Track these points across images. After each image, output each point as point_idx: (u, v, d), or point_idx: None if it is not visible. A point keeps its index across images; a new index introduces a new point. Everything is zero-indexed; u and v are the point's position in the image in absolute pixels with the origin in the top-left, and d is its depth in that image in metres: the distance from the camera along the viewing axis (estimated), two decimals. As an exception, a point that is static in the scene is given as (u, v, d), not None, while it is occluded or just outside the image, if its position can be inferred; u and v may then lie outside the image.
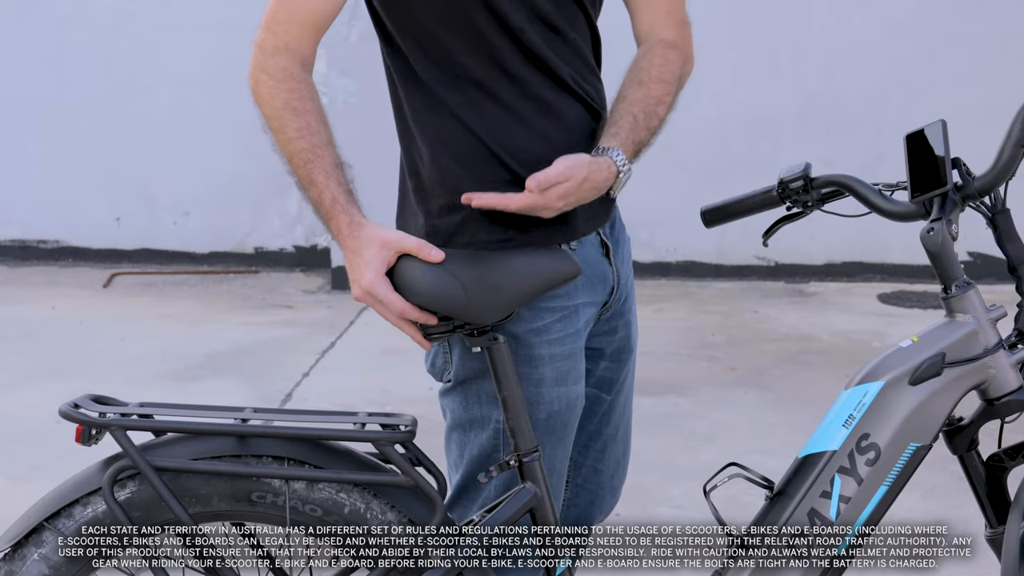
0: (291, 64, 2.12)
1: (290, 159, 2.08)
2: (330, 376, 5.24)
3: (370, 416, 2.08)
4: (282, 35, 2.11)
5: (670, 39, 2.24)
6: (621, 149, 2.10)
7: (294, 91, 2.09)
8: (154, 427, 2.05)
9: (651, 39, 2.23)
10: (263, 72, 2.10)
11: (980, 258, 6.15)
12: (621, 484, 2.40)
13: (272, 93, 2.09)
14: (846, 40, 6.51)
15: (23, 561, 2.03)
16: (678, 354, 5.50)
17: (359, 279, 2.03)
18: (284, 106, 2.08)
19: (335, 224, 2.07)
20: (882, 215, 2.20)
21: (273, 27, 2.11)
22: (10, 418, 4.66)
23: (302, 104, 2.09)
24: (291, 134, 2.07)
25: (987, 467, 2.19)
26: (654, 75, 2.19)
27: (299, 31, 2.12)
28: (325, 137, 2.09)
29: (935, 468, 2.37)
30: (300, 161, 2.07)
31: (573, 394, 2.17)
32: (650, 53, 2.22)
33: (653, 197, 5.99)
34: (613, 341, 2.28)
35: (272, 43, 2.11)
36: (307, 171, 2.06)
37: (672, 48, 2.23)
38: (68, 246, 7.09)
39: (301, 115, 2.08)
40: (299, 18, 2.12)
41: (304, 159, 2.06)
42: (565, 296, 2.13)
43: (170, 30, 6.86)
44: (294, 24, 2.11)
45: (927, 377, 2.09)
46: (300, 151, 2.07)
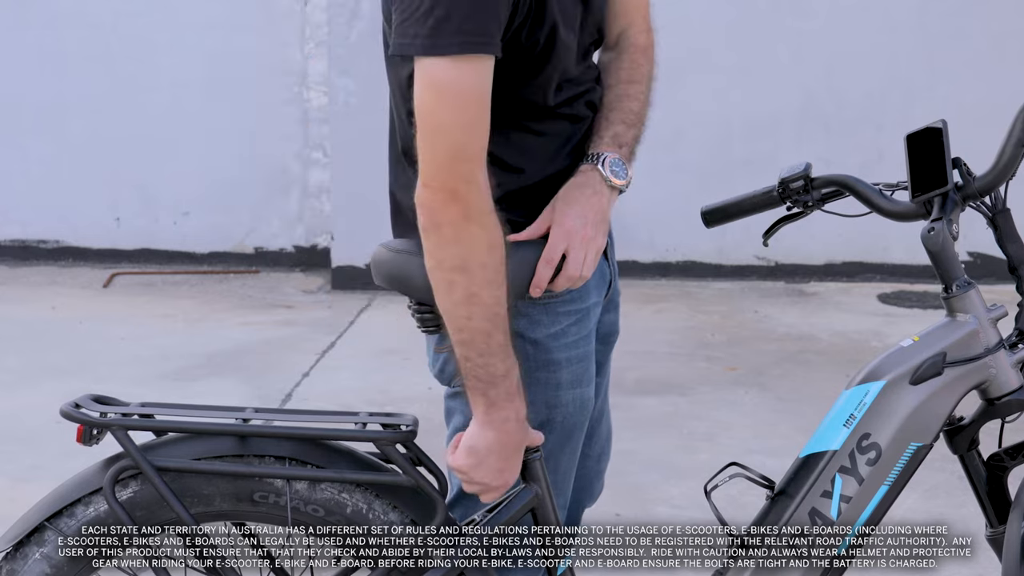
0: (494, 209, 1.92)
1: (491, 323, 1.91)
2: (330, 376, 5.24)
3: (371, 416, 2.08)
4: (482, 164, 1.89)
5: (641, 43, 2.24)
6: (604, 150, 2.09)
7: (503, 248, 1.92)
8: (155, 427, 2.06)
9: (623, 43, 2.23)
10: (482, 214, 1.88)
11: (980, 258, 6.15)
12: (606, 467, 2.41)
13: (492, 245, 1.90)
14: (846, 40, 6.51)
15: (25, 560, 2.04)
16: (678, 354, 5.50)
17: (495, 475, 1.99)
18: (502, 264, 1.91)
19: (498, 399, 1.94)
20: (883, 215, 2.20)
21: (471, 155, 1.89)
22: (10, 418, 4.66)
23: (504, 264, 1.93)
24: (500, 295, 1.91)
25: (988, 467, 2.19)
26: (631, 76, 2.19)
27: (484, 159, 1.91)
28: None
29: (935, 468, 2.38)
30: (502, 329, 1.92)
31: (586, 395, 2.17)
32: (621, 58, 2.21)
33: (653, 197, 6.00)
34: (603, 325, 2.29)
35: (481, 176, 1.89)
36: (506, 340, 1.93)
37: (642, 52, 2.22)
38: (68, 246, 7.09)
39: (504, 276, 1.92)
40: (484, 140, 1.90)
41: (503, 326, 1.92)
42: (579, 299, 2.13)
43: (170, 30, 6.86)
44: (484, 150, 1.90)
45: (928, 377, 2.09)
46: (503, 316, 1.92)
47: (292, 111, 6.91)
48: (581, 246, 2.02)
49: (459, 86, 1.89)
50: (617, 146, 2.11)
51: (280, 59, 6.87)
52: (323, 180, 6.91)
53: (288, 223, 7.02)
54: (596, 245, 2.04)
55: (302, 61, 6.87)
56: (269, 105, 6.87)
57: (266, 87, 6.86)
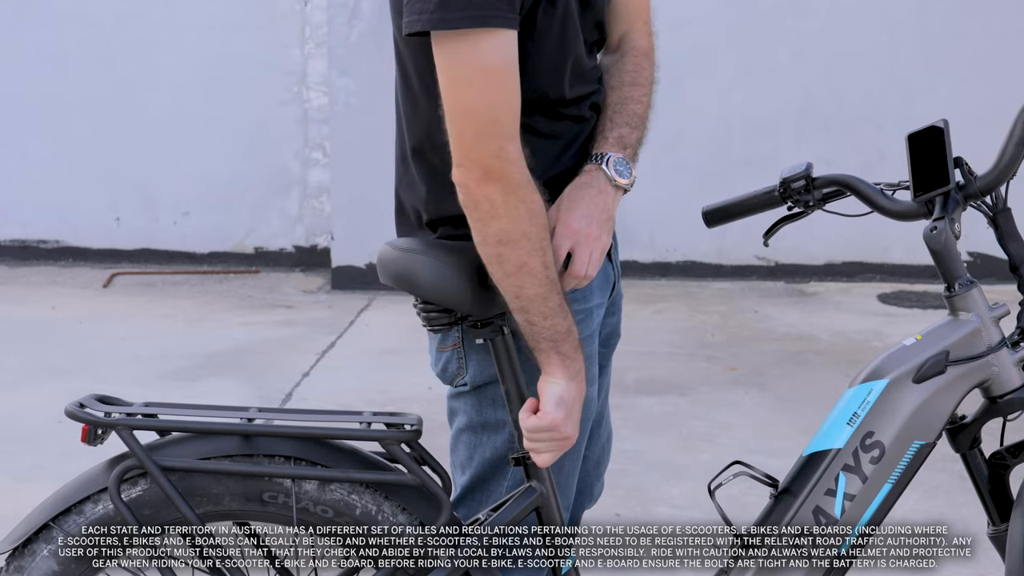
0: (531, 177, 1.94)
1: (549, 287, 1.95)
2: (330, 376, 5.24)
3: (375, 415, 2.08)
4: (514, 137, 1.91)
5: (642, 47, 2.25)
6: (608, 150, 2.10)
7: (544, 214, 1.95)
8: (160, 427, 2.06)
9: (624, 46, 2.24)
10: (517, 186, 1.91)
11: (981, 258, 6.15)
12: (605, 469, 2.42)
13: (532, 213, 1.92)
14: (846, 40, 6.51)
15: (32, 557, 2.04)
16: (678, 354, 5.50)
17: (576, 426, 2.02)
18: (545, 229, 1.95)
19: (570, 352, 1.99)
20: (884, 214, 2.20)
21: (501, 129, 1.90)
22: (10, 418, 4.66)
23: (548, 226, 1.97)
24: (548, 259, 1.95)
25: (989, 465, 2.19)
26: (634, 79, 2.21)
27: (516, 131, 1.92)
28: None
29: (936, 468, 2.38)
30: (556, 289, 1.96)
31: (589, 396, 2.17)
32: (623, 60, 2.22)
33: (653, 197, 5.99)
34: (604, 327, 2.29)
35: (513, 148, 1.90)
36: (561, 299, 1.97)
37: (643, 56, 2.24)
38: (68, 246, 7.09)
39: (550, 239, 1.96)
40: (514, 112, 1.91)
41: (556, 286, 1.96)
42: (583, 299, 2.13)
43: (170, 30, 6.86)
44: (515, 122, 1.92)
45: (931, 375, 2.09)
46: (554, 279, 1.96)
47: (292, 111, 6.91)
48: (587, 245, 2.03)
49: (480, 62, 1.90)
50: (622, 147, 2.12)
51: (280, 59, 6.87)
52: (323, 180, 6.91)
53: (288, 223, 7.02)
54: (601, 244, 2.05)
55: (302, 61, 6.87)
56: (269, 105, 6.87)
57: (266, 87, 6.86)
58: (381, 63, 6.64)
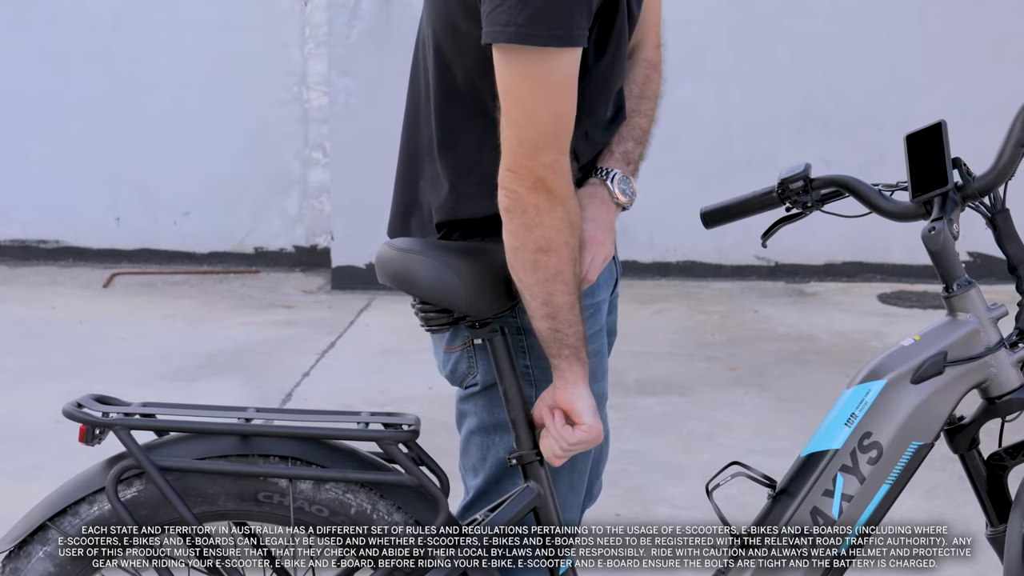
0: (574, 190, 1.98)
1: (574, 292, 1.99)
2: (330, 376, 5.24)
3: (373, 415, 2.08)
4: (567, 151, 1.94)
5: (653, 59, 2.27)
6: (614, 166, 2.13)
7: (580, 226, 1.99)
8: (158, 427, 2.06)
9: (635, 56, 2.26)
10: (568, 199, 1.95)
11: (980, 258, 6.15)
12: (604, 468, 2.42)
13: (573, 225, 1.96)
14: (846, 40, 6.51)
15: (28, 559, 2.04)
16: (678, 354, 5.50)
17: (594, 424, 2.04)
18: (579, 241, 1.99)
19: (586, 359, 2.03)
20: (882, 215, 2.21)
21: (560, 142, 1.93)
22: (10, 418, 4.66)
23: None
24: (579, 270, 2.00)
25: (988, 466, 2.19)
26: (643, 92, 2.23)
27: (569, 144, 1.95)
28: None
29: (936, 468, 2.38)
30: (580, 297, 2.00)
31: (601, 391, 2.19)
32: (634, 71, 2.24)
33: (653, 197, 5.97)
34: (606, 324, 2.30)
35: (566, 162, 1.94)
36: (581, 305, 2.01)
37: (654, 68, 2.26)
38: (68, 246, 7.09)
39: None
40: (571, 126, 1.94)
41: (580, 295, 2.00)
42: (590, 294, 2.14)
43: (170, 30, 6.85)
44: (570, 136, 1.94)
45: (929, 376, 2.09)
46: (580, 288, 2.01)
47: (292, 111, 6.91)
48: (591, 248, 2.06)
49: (554, 77, 1.92)
50: (626, 163, 2.15)
51: (280, 59, 6.87)
52: (323, 180, 6.91)
53: (288, 223, 7.02)
54: (604, 250, 2.08)
55: (302, 61, 6.87)
56: (269, 105, 6.87)
57: (266, 87, 6.86)
58: (381, 63, 6.67)
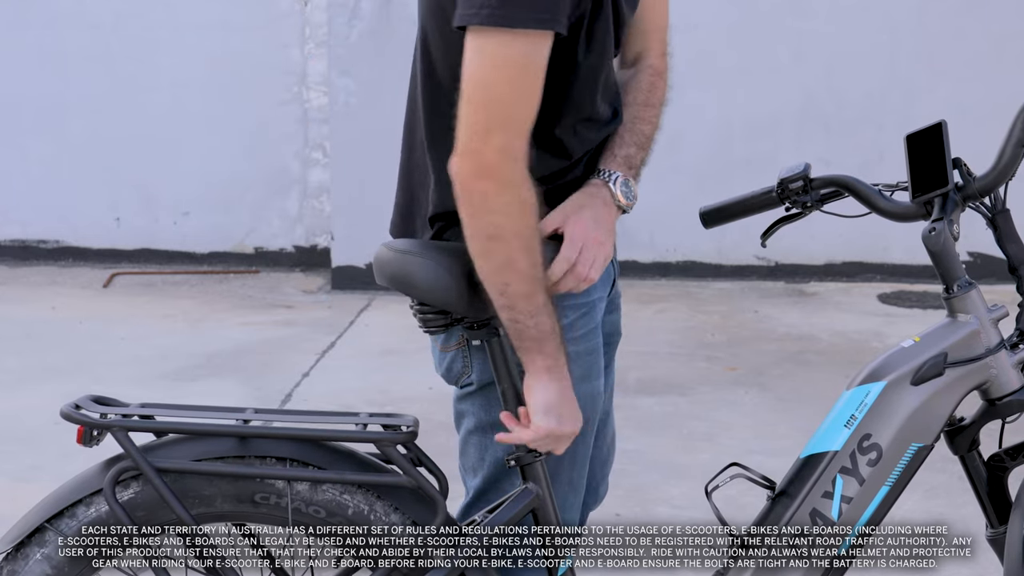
0: (528, 174, 1.93)
1: (533, 284, 1.95)
2: (330, 376, 5.24)
3: (371, 417, 2.08)
4: (524, 133, 1.90)
5: (658, 67, 2.27)
6: (616, 169, 2.13)
7: (537, 213, 1.95)
8: (155, 428, 2.06)
9: (641, 63, 2.26)
10: (513, 186, 1.91)
11: (980, 258, 6.14)
12: (610, 470, 2.42)
13: (524, 211, 1.92)
14: (846, 40, 6.51)
15: (25, 561, 2.03)
16: (678, 354, 5.50)
17: (574, 420, 2.02)
18: (536, 228, 1.94)
19: (553, 352, 1.99)
20: (882, 215, 2.20)
21: (516, 126, 1.90)
22: (10, 418, 4.66)
23: (539, 226, 1.96)
24: (537, 258, 1.95)
25: (988, 467, 2.19)
26: (647, 99, 2.22)
27: (529, 129, 1.92)
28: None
29: (936, 468, 2.37)
30: (541, 287, 1.96)
31: (596, 390, 2.18)
32: (639, 78, 2.24)
33: (653, 197, 5.96)
34: (605, 325, 2.30)
35: (518, 147, 1.90)
36: (547, 298, 1.97)
37: (659, 76, 2.26)
38: (68, 246, 7.09)
39: (540, 238, 1.96)
40: (534, 112, 1.91)
41: (542, 285, 1.96)
42: (584, 292, 2.14)
43: (170, 30, 6.85)
44: (531, 121, 1.91)
45: (929, 377, 2.09)
46: (540, 277, 1.96)
47: (292, 111, 6.90)
48: (592, 248, 2.05)
49: (522, 60, 1.90)
50: (628, 167, 2.15)
51: (280, 59, 6.86)
52: (323, 180, 6.90)
53: (288, 223, 7.02)
54: (605, 251, 2.07)
55: (302, 61, 6.87)
56: (269, 105, 6.87)
57: (266, 87, 6.86)
58: (381, 63, 6.67)
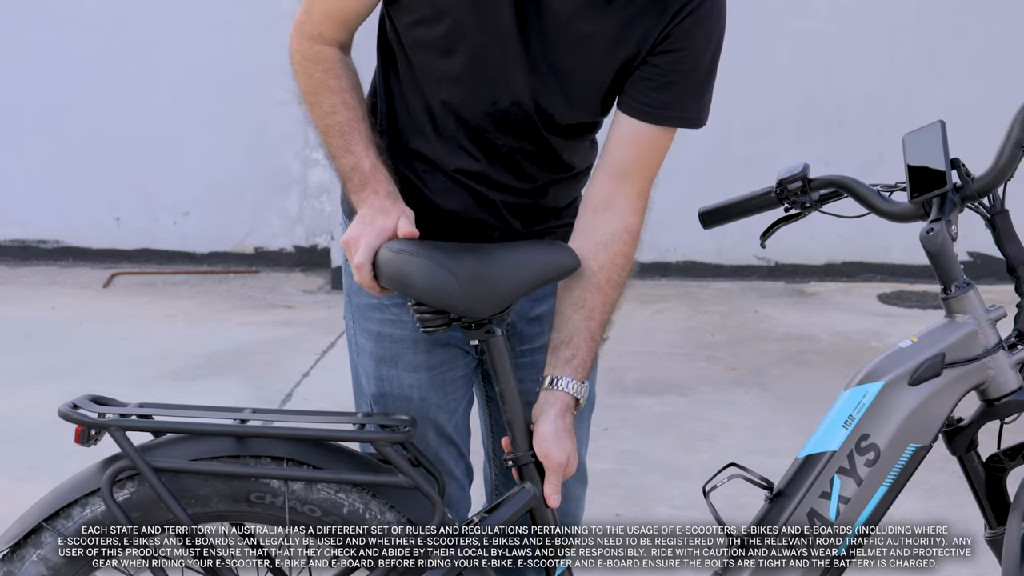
0: (325, 49, 2.20)
1: (325, 131, 2.17)
2: (330, 376, 5.23)
3: (369, 417, 2.08)
4: (317, 24, 2.19)
5: (633, 227, 2.20)
6: (575, 377, 2.12)
7: (329, 71, 2.19)
8: (153, 428, 2.05)
9: (612, 218, 2.18)
10: (299, 52, 2.21)
11: (979, 258, 6.14)
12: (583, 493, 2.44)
13: (308, 72, 2.20)
14: (846, 40, 6.51)
15: (22, 562, 2.03)
16: (678, 354, 5.50)
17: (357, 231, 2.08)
18: (320, 84, 2.18)
19: (372, 188, 2.11)
20: (881, 216, 2.20)
21: (311, 14, 2.20)
22: (10, 418, 4.66)
23: (337, 83, 2.18)
24: (326, 108, 2.16)
25: (987, 468, 2.19)
26: (613, 279, 2.16)
27: (331, 25, 2.20)
28: (361, 113, 2.17)
29: (935, 468, 2.37)
30: (337, 132, 2.15)
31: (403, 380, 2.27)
32: (610, 248, 2.16)
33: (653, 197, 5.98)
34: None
35: (308, 29, 2.20)
36: (344, 141, 2.14)
37: (632, 239, 2.19)
38: (68, 246, 7.09)
39: (336, 92, 2.17)
40: (331, 14, 2.20)
41: (341, 130, 2.14)
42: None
43: (170, 30, 6.85)
44: (327, 18, 2.19)
45: (927, 378, 2.09)
46: (337, 124, 2.15)
47: (292, 111, 6.81)
48: (558, 473, 2.09)
49: None
50: (577, 369, 2.13)
51: (280, 59, 6.75)
52: (323, 180, 6.90)
53: (288, 223, 7.02)
54: (571, 468, 2.12)
55: (302, 61, 6.86)
56: (269, 105, 6.85)
57: (266, 87, 6.84)
58: (381, 63, 6.64)
